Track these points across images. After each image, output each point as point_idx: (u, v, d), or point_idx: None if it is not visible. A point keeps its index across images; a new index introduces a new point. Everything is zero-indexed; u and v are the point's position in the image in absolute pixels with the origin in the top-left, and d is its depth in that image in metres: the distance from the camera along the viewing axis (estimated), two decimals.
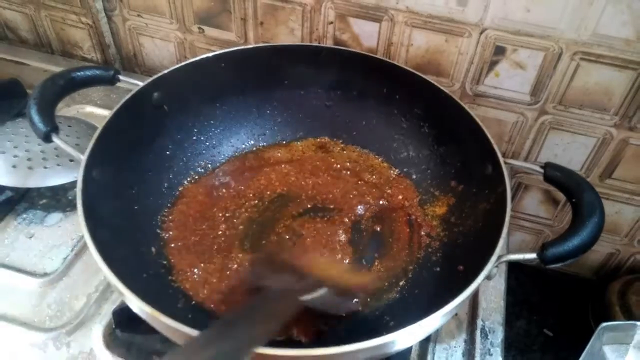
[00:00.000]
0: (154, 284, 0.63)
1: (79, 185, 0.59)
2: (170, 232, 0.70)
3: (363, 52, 0.84)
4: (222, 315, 0.61)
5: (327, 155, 0.83)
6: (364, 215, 0.75)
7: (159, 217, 0.72)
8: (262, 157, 0.83)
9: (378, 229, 0.73)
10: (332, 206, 0.76)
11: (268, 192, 0.77)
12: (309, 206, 0.76)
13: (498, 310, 0.72)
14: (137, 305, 0.50)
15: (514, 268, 0.83)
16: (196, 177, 0.79)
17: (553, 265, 0.55)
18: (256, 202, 0.76)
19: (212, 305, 0.63)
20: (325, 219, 0.74)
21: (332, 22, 0.88)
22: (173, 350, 0.38)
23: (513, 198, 0.99)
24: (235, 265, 0.67)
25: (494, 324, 0.70)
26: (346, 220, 0.74)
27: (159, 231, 0.71)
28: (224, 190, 0.77)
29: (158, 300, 0.50)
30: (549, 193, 0.98)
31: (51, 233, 0.77)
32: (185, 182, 0.78)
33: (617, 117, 0.83)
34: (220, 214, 0.74)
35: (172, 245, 0.69)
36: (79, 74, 0.71)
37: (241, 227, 0.72)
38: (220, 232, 0.71)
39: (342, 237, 0.71)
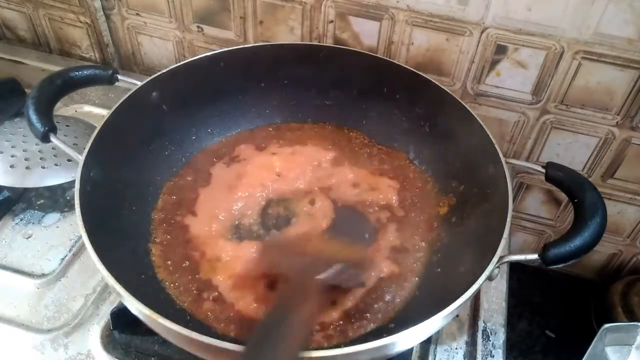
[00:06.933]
0: (152, 285, 0.62)
1: (77, 185, 0.58)
2: None
3: (363, 51, 0.83)
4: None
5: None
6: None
7: None
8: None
9: None
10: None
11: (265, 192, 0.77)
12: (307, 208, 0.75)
13: (500, 311, 0.71)
14: (135, 307, 0.49)
15: (515, 269, 0.82)
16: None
17: (555, 266, 0.54)
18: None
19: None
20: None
21: (332, 21, 0.87)
22: None
23: (515, 198, 0.99)
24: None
25: (495, 326, 0.69)
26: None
27: None
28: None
29: (156, 302, 0.50)
30: (551, 193, 0.97)
31: (49, 233, 0.76)
32: (184, 182, 0.77)
33: (619, 117, 0.82)
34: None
35: None
36: (77, 73, 0.70)
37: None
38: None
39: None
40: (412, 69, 0.77)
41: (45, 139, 0.64)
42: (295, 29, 0.90)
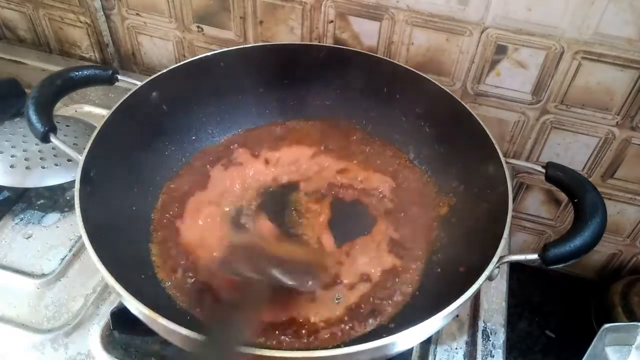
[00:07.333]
0: (152, 285, 0.62)
1: (77, 185, 0.58)
2: None
3: (363, 51, 0.83)
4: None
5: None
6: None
7: None
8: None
9: None
10: None
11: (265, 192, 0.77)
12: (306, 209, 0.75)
13: (500, 311, 0.71)
14: (135, 307, 0.49)
15: (515, 269, 0.82)
16: None
17: (555, 266, 0.54)
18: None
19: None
20: None
21: (332, 21, 0.87)
22: None
23: (515, 198, 0.99)
24: None
25: (495, 326, 0.69)
26: None
27: None
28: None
29: (156, 302, 0.50)
30: (551, 193, 0.97)
31: (49, 233, 0.76)
32: (183, 182, 0.77)
33: (619, 117, 0.82)
34: None
35: None
36: (77, 73, 0.70)
37: None
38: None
39: None
40: (412, 69, 0.77)
41: (45, 139, 0.64)
42: (295, 29, 0.90)
